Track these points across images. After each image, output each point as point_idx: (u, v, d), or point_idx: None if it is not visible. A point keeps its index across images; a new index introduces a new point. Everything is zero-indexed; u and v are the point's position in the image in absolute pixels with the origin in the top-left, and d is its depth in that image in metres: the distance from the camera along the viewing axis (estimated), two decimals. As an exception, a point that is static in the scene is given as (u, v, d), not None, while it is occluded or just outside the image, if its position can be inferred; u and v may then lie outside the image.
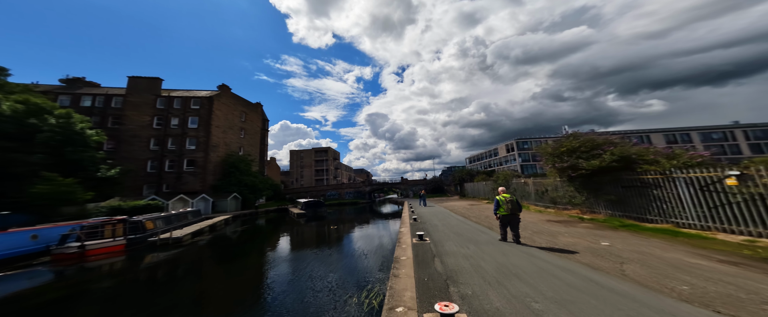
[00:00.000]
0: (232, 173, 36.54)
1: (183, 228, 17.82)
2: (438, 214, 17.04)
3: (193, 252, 14.38)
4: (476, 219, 13.78)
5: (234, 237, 18.34)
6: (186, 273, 11.23)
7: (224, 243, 16.64)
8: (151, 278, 10.72)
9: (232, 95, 43.37)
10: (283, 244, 16.08)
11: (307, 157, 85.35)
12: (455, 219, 14.27)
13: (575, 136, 12.82)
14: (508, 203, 7.37)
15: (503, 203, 7.45)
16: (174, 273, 11.39)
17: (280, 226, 23.41)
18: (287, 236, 18.39)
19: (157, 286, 9.86)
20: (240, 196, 35.39)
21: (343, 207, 47.56)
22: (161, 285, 9.95)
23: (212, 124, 36.61)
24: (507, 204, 7.38)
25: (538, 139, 74.18)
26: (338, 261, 11.78)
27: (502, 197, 7.53)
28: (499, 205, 7.59)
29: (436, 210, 19.72)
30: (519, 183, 20.84)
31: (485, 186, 30.87)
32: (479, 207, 21.43)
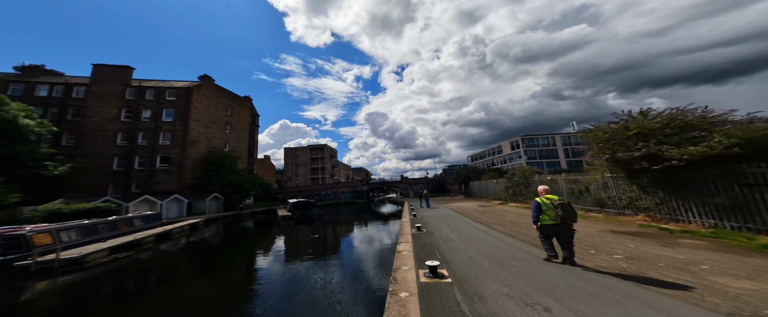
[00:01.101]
0: (215, 171, 32.93)
1: (107, 241, 13.06)
2: (447, 219, 13.43)
3: (82, 282, 9.42)
4: (501, 226, 10.18)
5: (177, 252, 13.86)
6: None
7: (154, 262, 12.11)
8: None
9: (216, 87, 39.70)
10: (235, 265, 11.45)
11: (302, 155, 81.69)
12: (472, 227, 10.66)
13: (645, 114, 9.18)
14: (558, 207, 5.08)
15: (548, 207, 5.24)
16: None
17: (255, 232, 19.72)
18: (253, 248, 14.17)
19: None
20: (222, 197, 31.77)
21: (338, 208, 44.21)
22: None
23: (191, 117, 32.94)
24: (555, 210, 5.10)
25: (545, 136, 70.69)
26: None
27: (545, 199, 5.38)
28: (540, 210, 5.35)
29: (444, 214, 16.12)
30: (543, 181, 17.21)
31: (496, 185, 27.24)
32: (493, 209, 17.84)
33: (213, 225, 24.10)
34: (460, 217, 14.33)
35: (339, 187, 59.44)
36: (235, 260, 12.22)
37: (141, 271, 10.78)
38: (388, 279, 5.63)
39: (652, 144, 8.18)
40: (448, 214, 16.05)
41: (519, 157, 72.50)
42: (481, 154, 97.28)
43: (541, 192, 5.57)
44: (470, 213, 16.21)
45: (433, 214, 16.28)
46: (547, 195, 5.40)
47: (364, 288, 7.99)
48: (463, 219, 13.27)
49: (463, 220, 12.98)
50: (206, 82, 37.79)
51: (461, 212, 17.10)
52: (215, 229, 21.64)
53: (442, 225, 11.69)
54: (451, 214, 15.94)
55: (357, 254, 12.28)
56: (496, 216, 14.07)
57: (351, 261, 11.03)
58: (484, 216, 14.40)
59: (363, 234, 17.51)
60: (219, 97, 39.80)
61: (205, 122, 35.85)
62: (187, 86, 34.22)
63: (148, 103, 31.28)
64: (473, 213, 15.71)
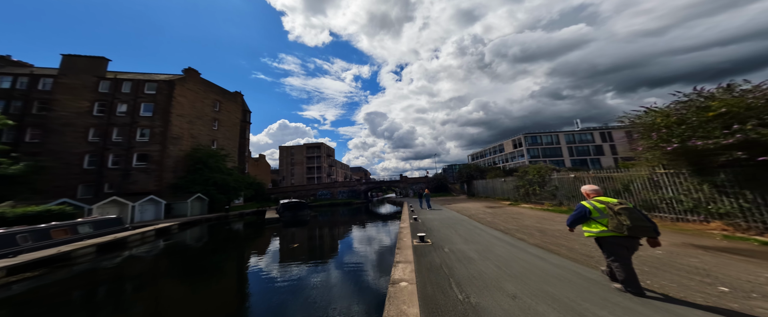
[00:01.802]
0: (199, 170, 30.49)
1: (18, 257, 10.11)
2: (455, 225, 11.09)
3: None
4: (527, 235, 7.85)
5: (112, 269, 10.52)
6: None
7: (64, 287, 8.70)
8: None
9: (202, 81, 37.24)
10: (175, 293, 8.23)
11: (298, 154, 79.17)
12: (491, 236, 8.32)
13: (731, 89, 6.81)
14: (622, 214, 3.37)
15: (604, 214, 3.58)
16: None
17: (232, 238, 17.23)
18: (216, 262, 11.49)
19: None
20: (206, 197, 29.34)
21: (335, 209, 41.98)
22: None
23: (173, 112, 30.47)
24: (616, 217, 3.41)
25: (549, 134, 68.61)
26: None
27: (597, 203, 3.72)
28: (587, 217, 3.74)
29: (449, 217, 13.79)
30: (564, 179, 14.90)
31: (503, 184, 24.95)
32: (505, 211, 15.53)
33: (191, 228, 21.67)
34: (469, 222, 11.99)
35: (335, 187, 57.07)
36: (179, 283, 9.11)
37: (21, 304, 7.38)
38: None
39: (750, 127, 5.84)
40: (454, 218, 13.72)
41: (521, 155, 70.46)
42: (481, 152, 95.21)
43: (590, 193, 4.05)
44: (480, 215, 13.89)
45: (437, 217, 13.95)
46: (598, 197, 3.87)
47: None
48: (474, 225, 10.93)
49: (475, 226, 10.63)
50: (191, 75, 35.32)
51: (469, 215, 14.77)
52: (190, 234, 19.21)
53: (450, 233, 9.35)
54: (459, 218, 13.61)
55: (342, 277, 9.89)
56: (513, 220, 11.74)
57: (339, 274, 8.67)
58: (498, 219, 12.08)
59: (355, 242, 15.15)
60: (206, 92, 37.35)
61: (190, 118, 33.39)
62: (168, 79, 31.75)
63: (125, 97, 28.78)
64: (484, 216, 13.39)
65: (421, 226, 11.25)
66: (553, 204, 15.66)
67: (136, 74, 31.74)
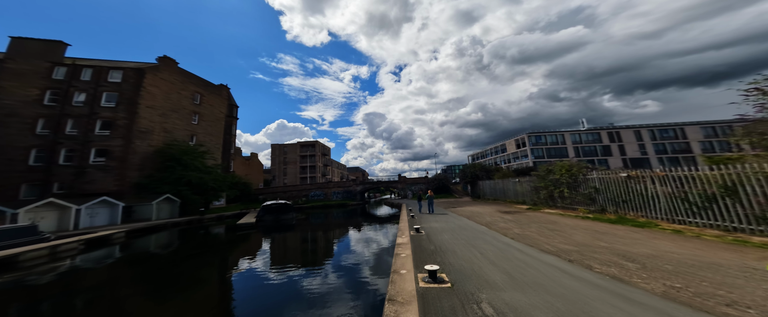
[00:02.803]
0: (171, 168, 26.96)
1: None
2: (478, 243, 7.72)
3: None
4: (620, 270, 4.52)
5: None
6: None
7: None
8: None
9: (180, 71, 33.69)
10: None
11: (291, 152, 75.47)
12: (548, 266, 4.95)
13: None
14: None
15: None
16: None
17: (183, 252, 13.52)
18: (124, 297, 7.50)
19: None
20: (177, 198, 25.76)
21: (328, 211, 38.65)
22: None
23: (141, 103, 26.91)
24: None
25: (554, 133, 65.60)
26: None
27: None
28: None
29: (462, 227, 10.42)
30: (610, 179, 11.57)
31: (517, 185, 21.65)
32: (528, 217, 12.19)
33: (148, 236, 18.16)
34: (493, 235, 8.61)
35: (329, 187, 53.59)
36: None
37: None
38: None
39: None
40: (468, 227, 10.35)
41: (525, 155, 67.46)
42: (482, 153, 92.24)
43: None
44: (501, 224, 10.53)
45: (446, 227, 10.57)
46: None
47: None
48: (504, 241, 7.56)
49: (506, 244, 7.25)
50: (166, 64, 31.76)
51: (485, 222, 11.41)
52: (138, 244, 15.72)
53: (475, 257, 5.98)
54: (474, 228, 10.23)
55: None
56: (554, 233, 8.39)
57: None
58: (531, 231, 8.72)
59: (330, 273, 11.74)
60: (184, 83, 33.80)
61: (163, 110, 29.84)
62: (137, 67, 28.19)
63: (83, 85, 25.16)
64: (507, 226, 10.02)
65: (426, 243, 7.87)
66: (590, 210, 12.37)
67: (100, 61, 28.15)
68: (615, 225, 9.14)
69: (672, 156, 57.56)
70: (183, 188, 26.37)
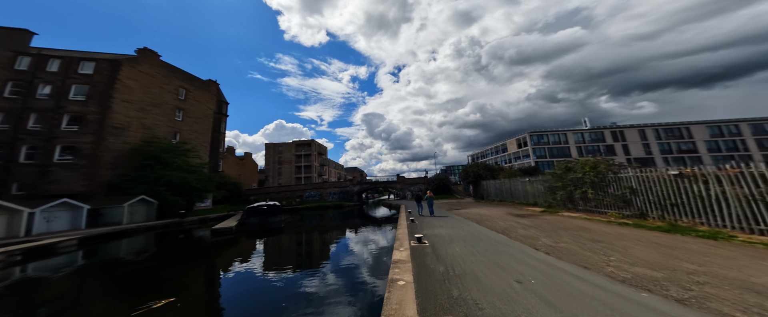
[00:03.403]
0: (148, 166, 24.76)
1: None
2: (502, 259, 5.68)
3: None
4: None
5: None
6: None
7: None
8: None
9: (163, 64, 31.48)
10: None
11: (286, 152, 73.13)
12: (636, 305, 2.96)
13: None
14: None
15: None
16: None
17: (125, 268, 11.37)
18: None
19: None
20: (154, 200, 23.51)
21: (322, 212, 36.73)
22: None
23: (116, 96, 24.66)
24: None
25: (556, 132, 63.93)
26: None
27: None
28: None
29: (474, 235, 8.38)
30: (653, 178, 9.57)
31: (527, 185, 19.68)
32: (550, 222, 10.19)
33: (113, 242, 15.99)
34: (519, 247, 6.57)
35: (324, 188, 51.46)
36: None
37: None
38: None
39: None
40: (482, 236, 8.30)
41: (526, 155, 65.75)
42: (482, 153, 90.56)
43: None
44: (522, 231, 8.49)
45: (454, 235, 8.53)
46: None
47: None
48: (546, 261, 5.51)
49: (545, 263, 5.21)
50: (147, 56, 29.54)
51: (502, 229, 9.36)
52: (93, 253, 13.56)
53: (516, 292, 3.94)
54: (489, 236, 8.18)
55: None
56: (606, 247, 6.37)
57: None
58: (566, 242, 6.70)
59: (327, 280, 9.64)
60: (167, 77, 31.56)
61: (142, 105, 27.60)
62: (112, 58, 25.94)
63: (50, 77, 22.87)
64: (534, 235, 7.99)
65: (432, 261, 5.82)
66: (624, 214, 10.39)
67: (70, 52, 25.82)
68: (674, 236, 7.14)
69: (677, 156, 56.02)
70: (161, 188, 24.16)
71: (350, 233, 18.19)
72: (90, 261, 12.18)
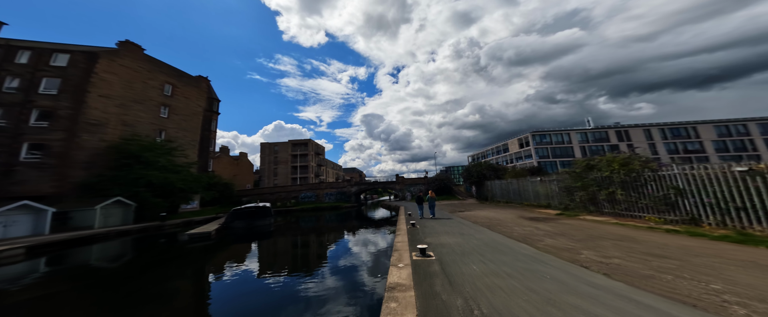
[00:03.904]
0: (127, 165, 22.96)
1: None
2: (543, 286, 3.91)
3: None
4: None
5: None
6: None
7: None
8: None
9: (147, 58, 29.72)
10: None
11: (282, 151, 71.24)
12: None
13: None
14: None
15: None
16: None
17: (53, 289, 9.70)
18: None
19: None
20: (132, 202, 21.66)
21: (318, 214, 35.07)
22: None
23: (91, 91, 22.87)
24: None
25: (559, 132, 62.41)
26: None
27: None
28: None
29: (491, 246, 6.64)
30: (714, 176, 7.87)
31: (539, 185, 17.97)
32: (576, 226, 8.45)
33: (77, 249, 14.18)
34: (570, 270, 4.80)
35: (321, 188, 49.65)
36: None
37: None
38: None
39: None
40: (502, 247, 6.53)
41: (528, 155, 64.23)
42: (482, 153, 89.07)
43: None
44: (552, 242, 6.73)
45: (467, 246, 6.76)
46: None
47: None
48: (618, 291, 3.75)
49: (644, 303, 3.46)
50: (129, 49, 27.79)
51: (522, 237, 7.58)
52: (44, 264, 11.76)
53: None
54: (513, 248, 6.41)
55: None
56: (686, 267, 4.64)
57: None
58: (619, 256, 4.95)
59: (308, 304, 7.86)
60: (151, 72, 29.78)
61: (122, 100, 25.80)
62: (89, 51, 24.14)
63: (18, 69, 21.06)
64: (568, 246, 6.24)
65: (442, 287, 4.05)
66: (668, 218, 8.67)
67: (42, 43, 23.99)
68: (759, 250, 5.40)
69: (684, 156, 54.50)
70: (141, 189, 22.31)
71: (344, 238, 16.42)
72: (39, 273, 10.38)
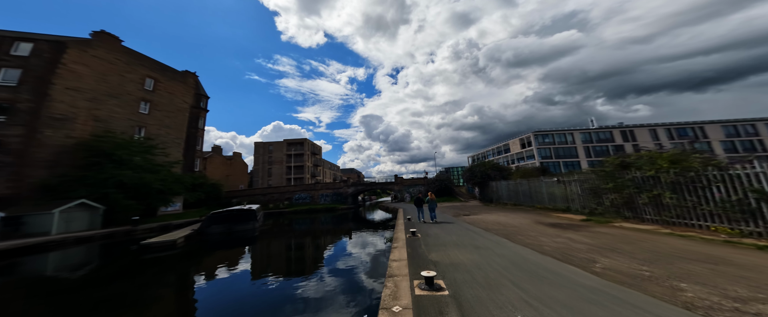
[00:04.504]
0: (99, 165, 20.79)
1: None
2: None
3: None
4: None
5: None
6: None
7: None
8: None
9: (126, 51, 27.59)
10: None
11: (277, 151, 68.95)
12: None
13: None
14: None
15: None
16: None
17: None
18: None
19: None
20: (100, 204, 19.46)
21: (313, 216, 33.22)
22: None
23: (57, 82, 20.71)
24: None
25: (562, 132, 60.61)
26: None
27: None
28: None
29: (533, 271, 4.59)
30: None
31: (556, 187, 15.96)
32: (614, 236, 6.37)
33: (18, 259, 11.99)
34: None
35: (316, 189, 47.51)
36: None
37: None
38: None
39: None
40: (541, 271, 4.43)
41: (531, 156, 62.41)
42: (483, 154, 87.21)
43: None
44: (611, 263, 4.64)
45: (489, 269, 4.69)
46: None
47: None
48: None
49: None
50: (104, 40, 25.63)
51: (565, 256, 5.47)
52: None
53: None
54: (574, 280, 4.31)
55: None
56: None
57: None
58: (733, 288, 2.92)
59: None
60: (130, 65, 27.62)
61: (94, 94, 23.62)
62: (56, 40, 21.95)
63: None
64: (644, 271, 4.17)
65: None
66: (747, 230, 6.64)
67: (4, 31, 21.74)
68: None
69: (692, 156, 52.73)
70: (111, 191, 20.11)
71: (335, 245, 14.32)
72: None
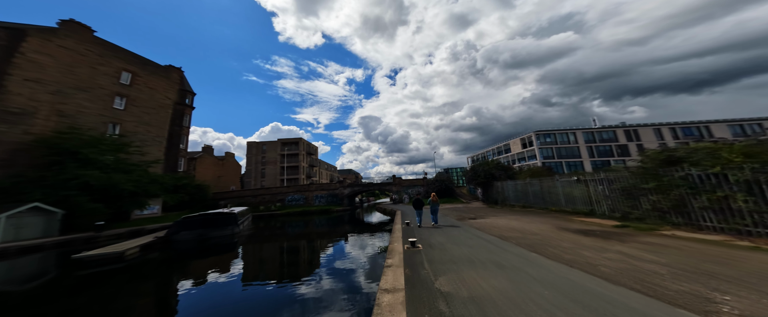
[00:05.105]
0: (62, 164, 18.59)
1: None
2: None
3: None
4: None
5: None
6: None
7: None
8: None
9: (99, 41, 25.42)
10: None
11: (271, 151, 66.64)
12: None
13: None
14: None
15: None
16: None
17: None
18: None
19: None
20: (58, 208, 17.21)
21: (306, 218, 31.27)
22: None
23: (13, 73, 18.55)
24: None
25: (564, 131, 58.93)
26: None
27: None
28: None
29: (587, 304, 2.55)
30: None
31: (575, 188, 13.97)
32: (686, 253, 4.37)
33: None
34: None
35: (310, 190, 45.32)
36: None
37: None
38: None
39: None
40: (620, 311, 2.36)
41: (532, 156, 60.74)
42: (482, 154, 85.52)
43: None
44: (720, 298, 2.63)
45: (531, 304, 2.66)
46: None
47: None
48: None
49: None
50: (73, 30, 23.44)
51: (643, 285, 3.39)
52: None
53: None
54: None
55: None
56: None
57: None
58: None
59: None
60: (103, 57, 25.42)
61: (59, 87, 21.44)
62: (15, 27, 19.77)
63: None
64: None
65: None
66: None
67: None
68: None
69: (698, 155, 51.23)
70: (73, 193, 17.87)
71: (323, 256, 12.21)
72: None
